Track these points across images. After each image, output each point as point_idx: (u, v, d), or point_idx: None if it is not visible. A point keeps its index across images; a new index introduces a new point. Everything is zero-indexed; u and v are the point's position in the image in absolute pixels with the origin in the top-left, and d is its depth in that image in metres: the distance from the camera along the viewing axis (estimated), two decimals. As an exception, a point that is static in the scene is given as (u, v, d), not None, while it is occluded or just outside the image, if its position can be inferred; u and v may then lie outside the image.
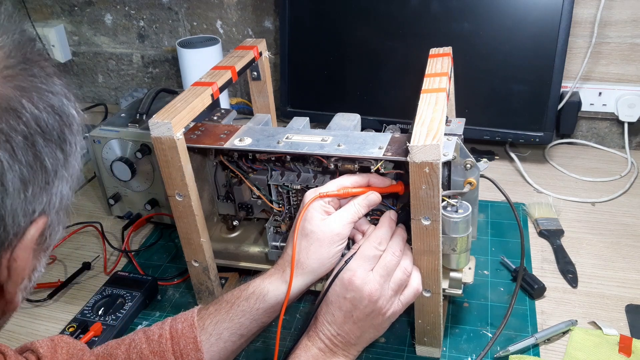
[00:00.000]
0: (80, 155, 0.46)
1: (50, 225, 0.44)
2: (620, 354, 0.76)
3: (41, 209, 0.42)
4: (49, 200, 0.42)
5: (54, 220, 0.44)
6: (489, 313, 0.86)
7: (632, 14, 1.17)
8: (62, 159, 0.43)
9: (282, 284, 0.71)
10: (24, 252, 0.42)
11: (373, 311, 0.67)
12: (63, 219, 0.46)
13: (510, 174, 1.22)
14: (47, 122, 0.41)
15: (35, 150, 0.40)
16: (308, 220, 0.70)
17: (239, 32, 1.49)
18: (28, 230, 0.41)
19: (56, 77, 0.44)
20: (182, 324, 0.70)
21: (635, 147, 1.30)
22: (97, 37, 1.63)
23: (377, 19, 1.21)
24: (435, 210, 0.65)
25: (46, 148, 0.41)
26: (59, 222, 0.45)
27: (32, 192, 0.40)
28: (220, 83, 0.83)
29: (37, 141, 0.40)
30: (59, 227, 0.46)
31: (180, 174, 0.75)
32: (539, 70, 1.13)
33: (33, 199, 0.41)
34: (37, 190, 0.41)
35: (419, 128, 0.65)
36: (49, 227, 0.44)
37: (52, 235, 0.45)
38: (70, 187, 0.45)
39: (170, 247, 1.06)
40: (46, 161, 0.41)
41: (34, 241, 0.42)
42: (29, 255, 0.42)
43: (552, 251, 0.98)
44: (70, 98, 0.44)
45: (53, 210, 0.43)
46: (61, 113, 0.42)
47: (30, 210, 0.41)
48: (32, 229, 0.42)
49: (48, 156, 0.41)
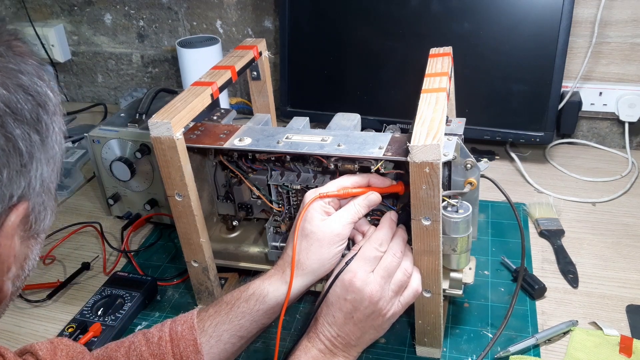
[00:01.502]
0: (61, 137, 0.45)
1: (33, 210, 0.43)
2: (620, 355, 0.76)
3: (19, 193, 0.41)
4: (28, 184, 0.41)
5: (37, 205, 0.43)
6: (490, 313, 0.86)
7: (633, 14, 1.17)
8: (38, 141, 0.41)
9: (282, 285, 0.71)
10: (6, 239, 0.41)
11: (373, 312, 0.67)
12: (49, 203, 0.45)
13: (511, 174, 1.22)
14: (17, 103, 0.39)
15: (6, 132, 0.38)
16: (308, 220, 0.70)
17: (239, 32, 1.49)
18: (8, 216, 0.40)
19: (28, 57, 0.42)
20: (181, 326, 0.69)
21: (635, 147, 1.30)
22: (97, 37, 1.63)
23: (377, 19, 1.21)
24: (435, 211, 0.65)
25: (18, 129, 0.39)
26: (45, 206, 0.44)
27: (8, 176, 0.39)
28: (220, 83, 0.83)
29: (7, 122, 0.39)
30: (46, 212, 0.45)
31: (180, 174, 0.75)
32: (540, 70, 1.13)
33: (9, 183, 0.39)
34: (12, 174, 0.39)
35: (419, 128, 0.64)
36: (32, 211, 0.43)
37: (38, 221, 0.44)
38: (52, 170, 0.44)
39: (170, 247, 1.06)
40: (19, 143, 0.39)
41: (15, 228, 0.41)
42: (11, 243, 0.41)
43: (552, 251, 0.98)
44: (44, 77, 0.43)
45: (34, 194, 0.42)
46: (33, 93, 0.41)
47: (7, 195, 0.40)
48: (12, 215, 0.41)
49: (21, 138, 0.39)
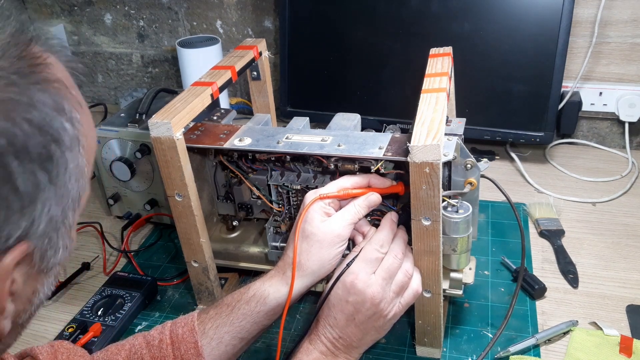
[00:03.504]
0: (79, 172, 0.41)
1: (36, 250, 0.39)
2: (621, 355, 0.76)
3: (18, 234, 0.37)
4: (31, 224, 0.38)
5: (42, 244, 0.40)
6: (490, 313, 0.86)
7: (633, 14, 1.17)
8: (46, 180, 0.37)
9: (283, 286, 0.70)
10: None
11: (375, 314, 0.67)
12: (60, 241, 0.41)
13: (511, 174, 1.22)
14: (22, 138, 0.35)
15: (4, 172, 0.35)
16: (308, 222, 0.70)
17: (239, 32, 1.49)
18: (2, 258, 0.37)
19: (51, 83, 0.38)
20: (182, 328, 0.69)
21: (635, 147, 1.30)
22: (97, 37, 1.63)
23: (377, 19, 1.21)
24: (435, 211, 0.65)
25: (20, 168, 0.36)
26: (52, 244, 0.41)
27: (4, 217, 0.36)
28: (220, 83, 0.83)
29: (8, 161, 0.35)
30: (56, 249, 0.41)
31: (180, 174, 0.75)
32: (540, 70, 1.13)
33: (4, 225, 0.36)
34: (10, 215, 0.36)
35: (419, 128, 0.64)
36: (36, 251, 0.39)
37: (45, 259, 0.41)
38: (66, 208, 0.40)
39: (170, 248, 1.06)
40: (19, 182, 0.36)
41: (11, 270, 0.38)
42: (3, 285, 0.38)
43: (552, 251, 0.98)
44: (63, 109, 0.39)
45: (37, 235, 0.39)
46: (43, 127, 0.37)
47: (2, 237, 0.36)
48: (7, 257, 0.37)
49: (22, 177, 0.36)
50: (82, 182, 0.42)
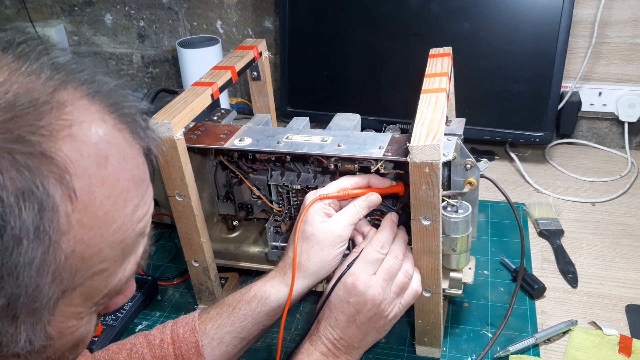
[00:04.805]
0: (48, 270, 0.34)
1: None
2: (620, 354, 0.76)
3: None
4: None
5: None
6: (489, 313, 0.86)
7: (632, 14, 1.17)
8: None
9: (284, 287, 0.71)
10: None
11: (376, 314, 0.67)
12: (22, 334, 0.35)
13: (510, 174, 1.22)
14: None
15: None
16: (308, 222, 0.70)
17: (239, 32, 1.49)
18: None
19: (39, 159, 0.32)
20: (183, 328, 0.69)
21: (635, 147, 1.30)
22: (97, 37, 1.63)
23: (377, 19, 1.21)
24: (435, 211, 0.65)
25: None
26: (6, 331, 0.35)
27: None
28: (220, 83, 0.83)
29: None
30: (15, 337, 0.35)
31: (180, 174, 0.75)
32: (539, 70, 1.13)
33: None
34: None
35: (419, 128, 0.65)
36: None
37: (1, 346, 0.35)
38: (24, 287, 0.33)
39: (170, 247, 1.06)
40: None
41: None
42: None
43: (552, 251, 0.98)
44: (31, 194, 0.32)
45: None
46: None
47: None
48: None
49: None
50: (62, 283, 0.35)
